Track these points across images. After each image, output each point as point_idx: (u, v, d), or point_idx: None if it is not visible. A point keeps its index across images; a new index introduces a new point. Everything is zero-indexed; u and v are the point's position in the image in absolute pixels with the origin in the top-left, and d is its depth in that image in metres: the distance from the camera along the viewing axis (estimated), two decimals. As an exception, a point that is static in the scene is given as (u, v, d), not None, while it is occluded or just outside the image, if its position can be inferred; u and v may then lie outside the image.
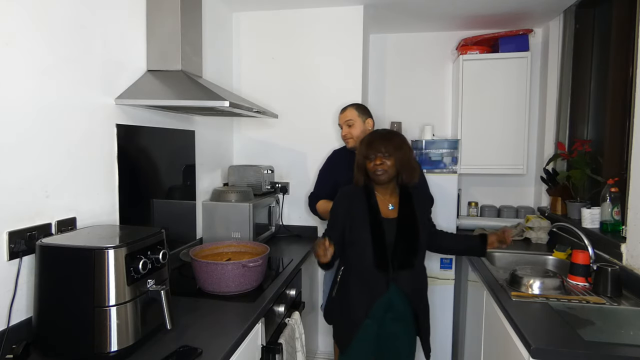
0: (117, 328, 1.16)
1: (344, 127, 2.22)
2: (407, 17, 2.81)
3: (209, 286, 1.66)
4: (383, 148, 1.68)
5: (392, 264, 1.68)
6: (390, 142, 1.70)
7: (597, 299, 1.67)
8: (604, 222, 2.07)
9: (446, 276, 2.64)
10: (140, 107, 1.79)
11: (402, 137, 1.78)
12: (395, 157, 1.69)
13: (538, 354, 1.29)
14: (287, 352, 1.71)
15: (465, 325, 2.51)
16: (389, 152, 1.68)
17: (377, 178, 1.70)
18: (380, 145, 1.69)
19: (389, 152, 1.68)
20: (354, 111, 2.21)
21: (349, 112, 2.22)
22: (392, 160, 1.68)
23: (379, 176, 1.69)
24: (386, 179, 1.70)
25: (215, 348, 1.24)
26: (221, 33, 2.62)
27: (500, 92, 2.80)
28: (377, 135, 1.75)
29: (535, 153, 3.04)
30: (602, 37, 2.48)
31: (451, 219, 2.64)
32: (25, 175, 1.26)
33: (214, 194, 2.39)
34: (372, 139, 1.73)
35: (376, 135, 1.75)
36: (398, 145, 1.71)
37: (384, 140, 1.71)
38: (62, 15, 1.37)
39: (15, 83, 1.22)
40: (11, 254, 1.21)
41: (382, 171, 1.68)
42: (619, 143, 2.22)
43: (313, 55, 2.70)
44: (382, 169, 1.68)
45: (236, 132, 2.85)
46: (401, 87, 3.21)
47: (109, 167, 1.62)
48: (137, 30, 1.77)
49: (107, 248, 1.15)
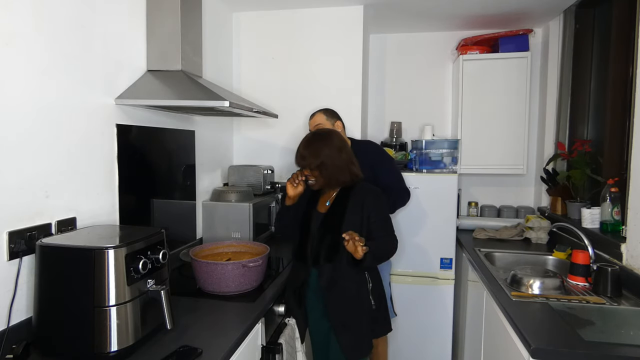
0: (117, 328, 1.16)
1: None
2: (407, 17, 2.81)
3: (209, 286, 1.66)
4: (304, 162, 1.73)
5: (312, 256, 1.74)
6: (310, 151, 1.72)
7: (597, 299, 1.66)
8: (604, 222, 2.07)
9: (446, 276, 2.65)
10: (140, 107, 1.79)
11: (325, 138, 1.75)
12: (321, 167, 1.71)
13: (538, 354, 1.29)
14: (287, 352, 1.71)
15: (465, 325, 2.51)
16: (309, 164, 1.72)
17: (312, 187, 1.78)
18: (301, 160, 1.74)
19: (309, 164, 1.72)
20: (322, 115, 2.29)
21: (317, 117, 2.29)
22: (317, 171, 1.72)
23: (312, 186, 1.77)
24: (319, 187, 1.77)
25: (215, 348, 1.24)
26: (221, 33, 2.62)
27: (500, 92, 2.80)
28: (301, 145, 1.77)
29: (535, 153, 3.04)
30: (602, 37, 2.48)
31: (451, 219, 2.64)
32: (25, 175, 1.26)
33: (214, 194, 2.39)
34: (298, 149, 1.77)
35: (301, 144, 1.78)
36: (315, 152, 1.70)
37: (305, 149, 1.73)
38: (62, 15, 1.37)
39: (15, 83, 1.22)
40: (11, 254, 1.21)
41: (313, 181, 1.75)
42: (619, 143, 2.22)
43: (313, 55, 2.70)
44: (312, 180, 1.75)
45: (236, 132, 2.85)
46: (401, 87, 3.21)
47: (109, 167, 1.62)
48: (137, 30, 1.77)
49: (107, 248, 1.15)
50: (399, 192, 2.28)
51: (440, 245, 2.64)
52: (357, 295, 1.73)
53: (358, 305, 1.73)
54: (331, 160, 1.71)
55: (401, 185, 2.31)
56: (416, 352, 2.71)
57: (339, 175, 1.73)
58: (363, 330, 1.73)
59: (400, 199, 2.28)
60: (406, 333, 2.68)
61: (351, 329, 1.71)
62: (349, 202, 1.73)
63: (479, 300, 2.11)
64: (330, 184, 1.76)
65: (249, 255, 1.86)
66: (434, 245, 2.64)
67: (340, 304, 1.72)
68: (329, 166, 1.71)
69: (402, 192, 2.29)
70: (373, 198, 1.75)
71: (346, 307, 1.72)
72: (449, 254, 2.64)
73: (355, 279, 1.73)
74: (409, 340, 2.69)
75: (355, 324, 1.72)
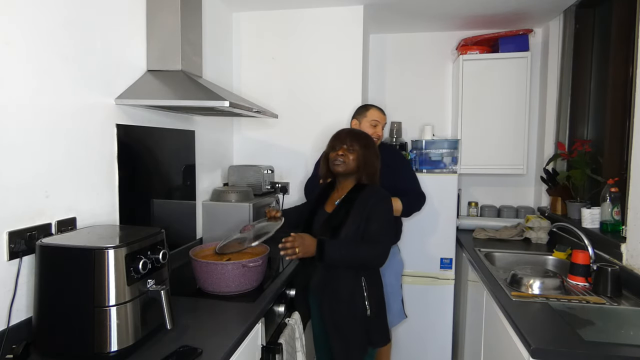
0: (117, 328, 1.16)
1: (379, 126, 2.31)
2: (407, 17, 2.81)
3: (209, 286, 1.66)
4: (349, 141, 1.74)
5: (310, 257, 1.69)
6: (358, 139, 1.76)
7: (597, 299, 1.66)
8: (604, 222, 2.07)
9: (446, 276, 2.65)
10: (140, 107, 1.79)
11: (372, 141, 1.82)
12: (358, 153, 1.73)
13: (538, 354, 1.29)
14: (287, 352, 1.71)
15: (465, 325, 2.51)
16: (353, 147, 1.73)
17: (335, 167, 1.75)
18: (347, 138, 1.75)
19: (353, 147, 1.73)
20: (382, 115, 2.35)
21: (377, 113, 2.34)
22: (354, 155, 1.73)
23: (337, 166, 1.74)
24: (343, 170, 1.74)
25: (215, 348, 1.24)
26: (221, 33, 2.62)
27: (500, 92, 2.80)
28: (347, 130, 1.82)
29: (535, 153, 3.04)
30: (602, 37, 2.48)
31: (451, 219, 2.64)
32: (25, 175, 1.26)
33: (214, 194, 2.39)
34: (341, 132, 1.80)
35: (346, 130, 1.83)
36: (364, 144, 1.75)
37: (352, 135, 1.77)
38: (62, 15, 1.37)
39: (15, 83, 1.22)
40: (11, 254, 1.21)
41: (341, 162, 1.73)
42: (619, 143, 2.22)
43: (313, 55, 2.70)
44: (342, 159, 1.73)
45: (236, 132, 2.85)
46: (401, 87, 3.21)
47: (109, 167, 1.62)
48: (137, 30, 1.77)
49: (107, 248, 1.15)
50: (417, 196, 2.28)
51: (440, 245, 2.64)
52: (351, 299, 1.68)
53: (351, 309, 1.68)
54: (369, 157, 1.75)
55: (419, 190, 2.32)
56: (416, 352, 2.71)
57: (367, 169, 1.74)
58: (356, 336, 1.68)
59: (417, 203, 2.27)
60: (406, 333, 2.68)
61: (342, 333, 1.68)
62: (355, 202, 1.71)
63: (479, 300, 2.11)
64: (358, 172, 1.75)
65: (249, 255, 1.86)
66: (434, 245, 2.64)
67: (332, 307, 1.70)
68: (363, 159, 1.73)
69: (420, 196, 2.29)
70: (377, 200, 1.70)
71: (338, 311, 1.68)
72: (449, 254, 2.64)
73: (350, 282, 1.69)
74: (409, 340, 2.69)
75: (347, 328, 1.68)
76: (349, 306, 1.69)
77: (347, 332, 1.68)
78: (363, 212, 1.68)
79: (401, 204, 2.15)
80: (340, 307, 1.69)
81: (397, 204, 2.12)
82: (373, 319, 1.70)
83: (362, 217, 1.68)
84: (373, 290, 1.73)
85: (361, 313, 1.68)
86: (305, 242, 1.62)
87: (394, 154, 2.39)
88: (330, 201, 1.81)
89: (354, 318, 1.68)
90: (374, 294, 1.73)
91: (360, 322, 1.69)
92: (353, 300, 1.69)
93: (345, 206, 1.72)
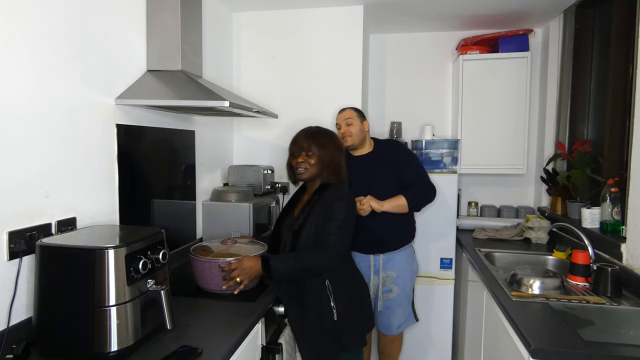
0: (117, 328, 1.16)
1: (342, 125, 2.22)
2: (407, 17, 2.81)
3: (207, 284, 1.66)
4: (306, 145, 1.71)
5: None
6: (314, 139, 1.72)
7: (597, 299, 1.67)
8: (604, 222, 2.07)
9: (446, 276, 2.65)
10: (140, 107, 1.79)
11: (330, 135, 1.79)
12: (317, 156, 1.70)
13: (538, 354, 1.29)
14: (287, 352, 1.71)
15: (465, 325, 2.51)
16: (311, 150, 1.70)
17: (300, 176, 1.73)
18: (304, 142, 1.72)
19: (311, 150, 1.70)
20: (354, 112, 2.24)
21: (348, 112, 2.24)
22: (314, 159, 1.70)
23: (301, 174, 1.72)
24: (307, 177, 1.72)
25: (215, 348, 1.24)
26: (221, 33, 2.62)
27: (500, 92, 2.80)
28: (303, 133, 1.77)
29: (535, 153, 3.04)
30: (602, 37, 2.48)
31: (451, 219, 2.64)
32: (25, 175, 1.26)
33: (214, 194, 2.39)
34: (298, 137, 1.76)
35: (302, 132, 1.78)
36: (322, 143, 1.72)
37: (309, 137, 1.73)
38: (62, 15, 1.37)
39: (15, 83, 1.22)
40: (11, 254, 1.21)
41: (303, 169, 1.71)
42: (619, 143, 2.22)
43: (313, 55, 2.69)
44: (304, 167, 1.71)
45: (236, 132, 2.85)
46: (401, 87, 3.21)
47: (109, 167, 1.62)
48: (137, 30, 1.77)
49: (107, 248, 1.15)
50: (425, 187, 2.18)
51: (440, 245, 2.64)
52: (318, 304, 1.63)
53: (317, 315, 1.63)
54: (331, 155, 1.72)
55: (426, 181, 2.21)
56: (416, 351, 2.71)
57: (331, 170, 1.72)
58: (323, 341, 1.63)
59: (425, 194, 2.18)
60: (406, 332, 2.68)
61: (309, 339, 1.64)
62: (317, 203, 1.67)
63: (479, 300, 2.11)
64: (321, 176, 1.72)
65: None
66: (434, 245, 2.64)
67: (299, 315, 1.66)
68: (327, 160, 1.70)
69: (428, 187, 2.19)
70: (333, 200, 1.65)
71: (305, 318, 1.64)
72: (449, 254, 2.64)
73: (314, 288, 1.64)
74: (409, 340, 2.69)
75: (313, 334, 1.63)
76: (316, 312, 1.63)
77: (314, 337, 1.64)
78: (322, 213, 1.65)
79: (405, 199, 2.08)
80: (307, 314, 1.64)
81: (401, 200, 2.08)
82: (342, 322, 1.64)
83: (321, 218, 1.65)
84: (340, 293, 1.66)
85: (328, 317, 1.63)
86: (245, 265, 1.58)
87: (397, 147, 2.30)
88: (300, 204, 1.79)
89: (322, 324, 1.63)
90: (342, 296, 1.66)
91: (328, 327, 1.63)
92: (320, 305, 1.63)
93: (307, 209, 1.70)
